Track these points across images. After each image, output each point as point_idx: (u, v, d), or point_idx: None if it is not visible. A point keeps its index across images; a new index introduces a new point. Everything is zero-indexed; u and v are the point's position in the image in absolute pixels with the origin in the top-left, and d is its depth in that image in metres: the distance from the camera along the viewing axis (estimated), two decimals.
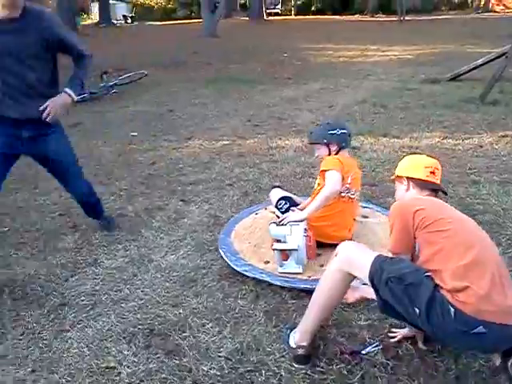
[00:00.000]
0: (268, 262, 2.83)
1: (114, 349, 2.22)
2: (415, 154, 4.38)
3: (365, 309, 2.44)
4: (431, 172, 2.15)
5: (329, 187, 2.79)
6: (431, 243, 1.86)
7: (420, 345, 2.15)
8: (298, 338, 2.12)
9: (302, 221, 2.78)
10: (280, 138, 5.62)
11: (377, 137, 5.52)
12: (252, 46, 15.65)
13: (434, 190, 2.16)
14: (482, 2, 31.96)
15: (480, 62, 8.43)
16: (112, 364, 2.12)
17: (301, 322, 2.15)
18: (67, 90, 2.80)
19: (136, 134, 5.92)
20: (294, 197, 3.30)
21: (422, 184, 2.14)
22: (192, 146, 5.46)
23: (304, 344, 2.10)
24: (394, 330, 2.26)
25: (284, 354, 2.15)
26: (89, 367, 2.11)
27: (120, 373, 2.08)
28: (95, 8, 32.99)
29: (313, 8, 33.95)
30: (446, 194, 2.30)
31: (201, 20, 21.48)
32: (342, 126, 3.15)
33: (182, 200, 3.90)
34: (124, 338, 2.29)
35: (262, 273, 2.72)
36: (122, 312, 2.48)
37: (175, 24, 28.50)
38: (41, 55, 2.70)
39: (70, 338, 2.30)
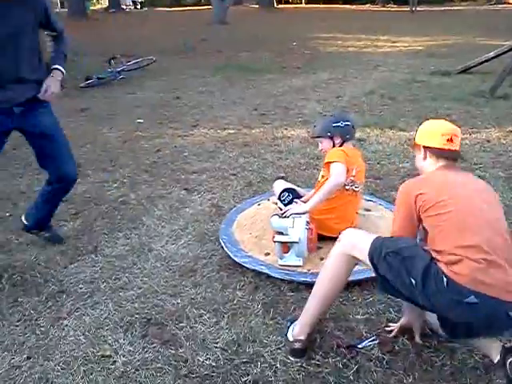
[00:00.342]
0: (268, 254, 2.82)
1: (110, 337, 2.22)
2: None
3: (362, 303, 2.42)
4: (448, 140, 2.06)
5: (333, 179, 2.76)
6: (433, 226, 1.86)
7: (417, 339, 2.13)
8: (296, 331, 2.13)
9: (304, 213, 2.76)
10: (286, 128, 5.58)
11: (383, 129, 5.46)
12: (261, 34, 15.53)
13: (453, 157, 2.10)
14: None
15: (492, 54, 8.30)
16: (108, 352, 2.12)
17: (301, 314, 2.15)
18: (57, 66, 2.73)
19: (142, 120, 5.90)
20: (298, 189, 3.28)
21: (438, 152, 2.07)
22: (197, 134, 5.44)
23: (301, 338, 2.10)
24: (390, 324, 2.25)
25: (280, 346, 2.14)
26: (84, 355, 2.11)
27: (115, 361, 2.08)
28: None
29: None
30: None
31: (210, 7, 21.33)
32: (346, 118, 3.12)
33: (185, 189, 3.89)
34: (121, 326, 2.29)
35: (261, 265, 2.71)
36: (119, 300, 2.48)
37: (184, 10, 28.33)
38: (35, 31, 2.63)
39: (67, 325, 2.30)
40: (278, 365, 2.04)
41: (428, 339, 2.15)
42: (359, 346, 2.12)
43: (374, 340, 2.15)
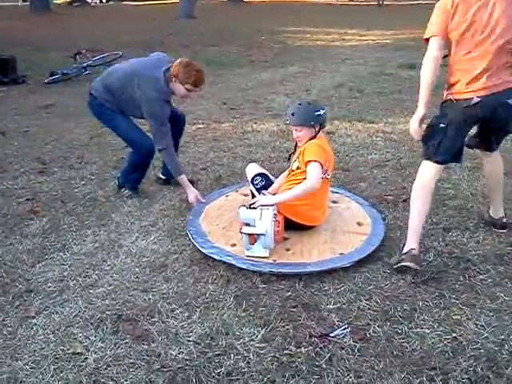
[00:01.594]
0: (235, 245, 2.83)
1: (80, 335, 2.19)
2: (387, 138, 4.42)
3: (334, 293, 2.45)
4: None
5: (309, 184, 2.80)
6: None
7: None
8: (407, 246, 2.59)
9: (272, 205, 2.78)
10: (255, 122, 5.58)
11: (352, 121, 5.52)
12: (230, 28, 15.46)
13: None
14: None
15: None
16: (78, 350, 2.09)
17: (408, 232, 2.64)
18: None
19: None
20: (269, 175, 3.28)
21: None
22: None
23: (414, 246, 2.56)
24: None
25: (253, 337, 2.15)
26: (54, 353, 2.08)
27: (86, 358, 2.05)
28: None
29: None
30: None
31: (177, 1, 21.10)
32: (321, 105, 3.11)
33: (152, 186, 3.84)
34: (91, 323, 2.26)
35: (228, 255, 2.73)
36: (90, 298, 2.44)
37: (151, 4, 27.93)
38: None
39: (36, 324, 2.26)
40: (251, 356, 2.05)
41: (399, 325, 2.19)
42: (331, 335, 2.15)
43: (345, 328, 2.18)
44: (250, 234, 2.71)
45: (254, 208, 2.78)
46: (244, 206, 2.86)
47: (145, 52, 4.02)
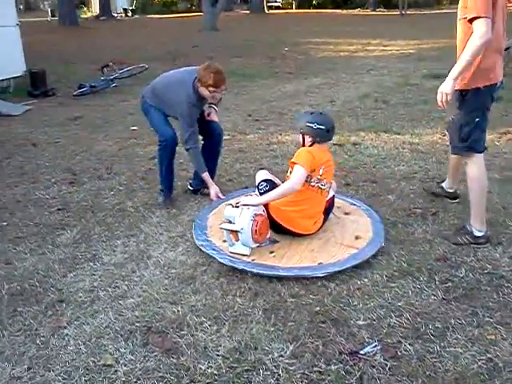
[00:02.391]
0: (225, 241, 2.97)
1: (111, 346, 2.20)
2: (414, 149, 4.41)
3: (363, 308, 2.42)
4: None
5: (289, 185, 2.93)
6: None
7: None
8: (478, 226, 2.95)
9: (255, 205, 2.89)
10: (281, 134, 5.59)
11: (378, 133, 5.49)
12: (253, 39, 15.59)
13: None
14: None
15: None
16: (109, 362, 2.11)
17: (471, 217, 2.97)
18: (212, 105, 3.85)
19: (136, 128, 5.89)
20: (277, 180, 3.31)
21: None
22: None
23: (485, 229, 2.94)
24: None
25: (282, 353, 2.14)
26: (85, 365, 2.10)
27: (117, 371, 2.06)
28: (95, 0, 32.81)
29: (314, 1, 33.81)
30: None
31: (201, 13, 21.38)
32: (323, 120, 3.07)
33: (182, 195, 3.88)
34: (121, 335, 2.27)
35: (214, 249, 2.91)
36: (120, 309, 2.47)
37: (176, 17, 28.36)
38: None
39: (67, 334, 2.29)
40: (281, 372, 2.04)
41: (431, 344, 2.15)
42: (361, 352, 2.12)
43: (376, 346, 2.15)
44: (231, 231, 2.88)
45: (237, 207, 2.91)
46: (230, 204, 3.04)
47: (170, 64, 4.07)
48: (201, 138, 3.82)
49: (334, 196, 3.29)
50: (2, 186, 4.15)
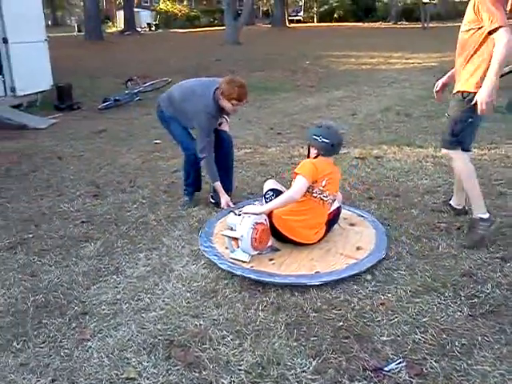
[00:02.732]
0: (228, 248, 3.05)
1: (134, 359, 2.21)
2: (438, 162, 4.40)
3: (387, 324, 2.39)
4: None
5: (290, 194, 3.02)
6: None
7: None
8: (482, 211, 3.12)
9: (257, 214, 2.96)
10: (302, 147, 5.58)
11: (400, 146, 5.45)
12: (274, 53, 15.69)
13: None
14: (508, 8, 31.37)
15: (507, 69, 8.24)
16: (132, 375, 2.11)
17: (473, 206, 3.19)
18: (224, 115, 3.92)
19: (159, 141, 5.96)
20: (284, 190, 3.33)
21: None
22: None
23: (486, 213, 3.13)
24: None
25: (305, 368, 2.12)
26: (109, 378, 2.11)
27: None
28: (120, 16, 33.57)
29: (335, 15, 33.92)
30: None
31: (224, 27, 21.64)
32: (329, 134, 3.12)
33: (204, 209, 3.90)
34: (144, 348, 2.28)
35: (215, 255, 3.00)
36: (142, 322, 2.48)
37: (198, 31, 28.76)
38: None
39: (91, 347, 2.31)
40: None
41: (457, 361, 2.11)
42: (386, 369, 2.08)
43: (400, 362, 2.11)
44: (233, 238, 2.97)
45: (239, 215, 3.01)
46: (233, 212, 3.11)
47: (193, 77, 4.13)
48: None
49: (339, 208, 3.34)
50: (28, 199, 4.23)
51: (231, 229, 3.02)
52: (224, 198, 3.78)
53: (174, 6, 33.88)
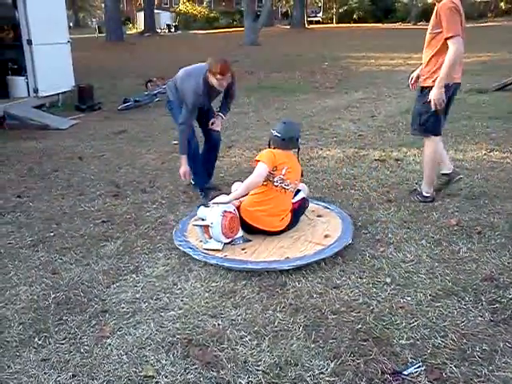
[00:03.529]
0: (201, 241, 3.18)
1: (152, 357, 2.23)
2: (459, 165, 4.36)
3: (406, 327, 2.37)
4: None
5: (252, 177, 3.24)
6: None
7: None
8: (427, 189, 3.82)
9: (225, 203, 3.18)
10: (321, 149, 5.58)
11: (420, 148, 5.34)
12: (293, 54, 15.67)
13: None
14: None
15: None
16: (150, 373, 2.13)
17: (423, 183, 3.87)
18: (221, 112, 4.31)
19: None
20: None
21: None
22: (233, 154, 5.49)
23: (431, 191, 3.83)
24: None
25: (323, 370, 2.11)
26: (127, 375, 2.13)
27: (158, 382, 2.09)
28: (140, 17, 33.90)
29: (354, 16, 33.74)
30: None
31: (243, 29, 21.69)
32: (282, 129, 3.38)
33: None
34: (163, 347, 2.30)
35: (189, 247, 3.13)
36: (161, 321, 2.50)
37: (217, 32, 28.88)
38: None
39: (110, 344, 2.33)
40: None
41: (478, 367, 2.08)
42: (405, 373, 2.07)
43: (419, 366, 2.09)
44: (205, 228, 3.12)
45: (208, 206, 3.22)
46: (203, 204, 3.33)
47: None
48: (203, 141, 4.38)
49: (304, 199, 3.51)
50: (49, 198, 4.30)
51: (202, 220, 3.21)
52: (183, 169, 4.06)
53: (194, 8, 34.06)
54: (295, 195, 3.44)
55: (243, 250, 3.12)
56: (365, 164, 4.90)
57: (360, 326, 2.40)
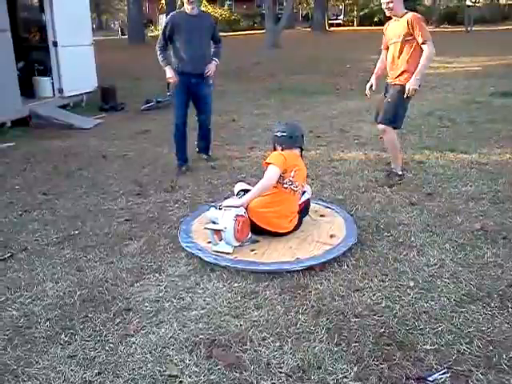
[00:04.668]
0: (210, 242, 3.20)
1: (176, 357, 2.25)
2: (482, 169, 4.29)
3: (430, 332, 2.34)
4: None
5: (264, 181, 3.25)
6: None
7: None
8: (399, 167, 4.49)
9: (237, 207, 3.17)
10: (343, 151, 5.56)
11: (443, 152, 5.33)
12: (314, 56, 15.61)
13: None
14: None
15: None
16: (174, 372, 2.15)
17: (393, 164, 4.54)
18: (215, 58, 4.92)
19: None
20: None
21: None
22: (254, 156, 5.51)
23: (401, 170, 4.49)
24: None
25: (346, 374, 2.10)
26: (152, 374, 2.15)
27: (182, 382, 2.10)
28: (162, 19, 34.15)
29: (375, 18, 33.43)
30: None
31: (264, 31, 21.70)
32: (286, 128, 3.47)
33: None
34: (186, 346, 2.32)
35: (199, 249, 3.13)
36: (184, 320, 2.52)
37: (239, 35, 28.93)
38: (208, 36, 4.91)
39: (134, 343, 2.36)
40: None
41: (505, 375, 2.05)
42: (429, 379, 2.05)
43: (445, 373, 2.07)
44: (215, 231, 3.13)
45: (220, 209, 3.21)
46: (213, 206, 3.34)
47: (233, 80, 4.19)
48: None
49: (308, 200, 3.56)
50: (74, 196, 4.37)
51: (213, 222, 3.21)
52: (169, 74, 4.78)
53: (215, 10, 34.13)
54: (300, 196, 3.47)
55: (252, 251, 3.14)
56: (386, 167, 4.86)
57: (383, 329, 2.38)
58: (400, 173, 4.47)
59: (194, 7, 4.73)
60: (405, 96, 4.10)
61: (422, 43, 4.00)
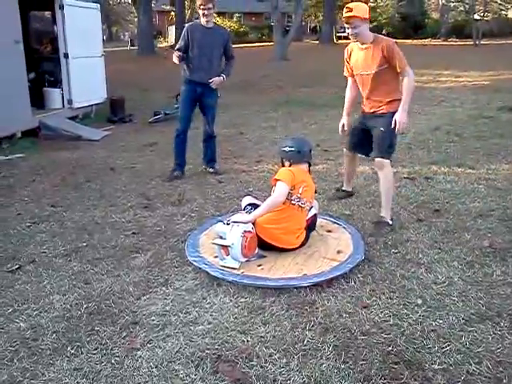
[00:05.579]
0: (217, 257, 3.20)
1: (182, 372, 2.24)
2: (491, 185, 4.24)
3: (439, 352, 2.32)
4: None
5: (273, 198, 3.26)
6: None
7: None
8: (390, 216, 3.80)
9: (245, 223, 3.16)
10: None
11: (451, 167, 5.32)
12: (322, 69, 15.69)
13: None
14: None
15: None
16: None
17: (384, 210, 3.80)
18: (224, 74, 5.05)
19: None
20: (261, 203, 3.45)
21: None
22: (261, 169, 5.52)
23: (390, 218, 3.79)
24: None
25: None
26: None
27: None
28: (172, 31, 34.51)
29: (384, 32, 33.60)
30: None
31: (272, 43, 21.86)
32: (294, 143, 3.49)
33: None
34: (192, 361, 2.31)
35: (205, 264, 3.14)
36: (190, 335, 2.51)
37: (247, 47, 29.14)
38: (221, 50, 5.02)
39: (141, 356, 2.35)
40: None
41: None
42: None
43: None
44: (222, 247, 3.12)
45: (228, 224, 3.18)
46: (221, 221, 3.32)
47: (241, 92, 4.21)
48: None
49: (315, 215, 3.56)
50: (82, 208, 4.39)
51: (220, 237, 3.19)
52: (175, 55, 4.85)
53: (224, 22, 34.44)
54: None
55: (259, 266, 3.14)
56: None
57: (391, 348, 2.36)
58: (391, 222, 3.79)
59: (209, 20, 4.86)
60: (395, 132, 3.68)
61: (401, 72, 3.68)
